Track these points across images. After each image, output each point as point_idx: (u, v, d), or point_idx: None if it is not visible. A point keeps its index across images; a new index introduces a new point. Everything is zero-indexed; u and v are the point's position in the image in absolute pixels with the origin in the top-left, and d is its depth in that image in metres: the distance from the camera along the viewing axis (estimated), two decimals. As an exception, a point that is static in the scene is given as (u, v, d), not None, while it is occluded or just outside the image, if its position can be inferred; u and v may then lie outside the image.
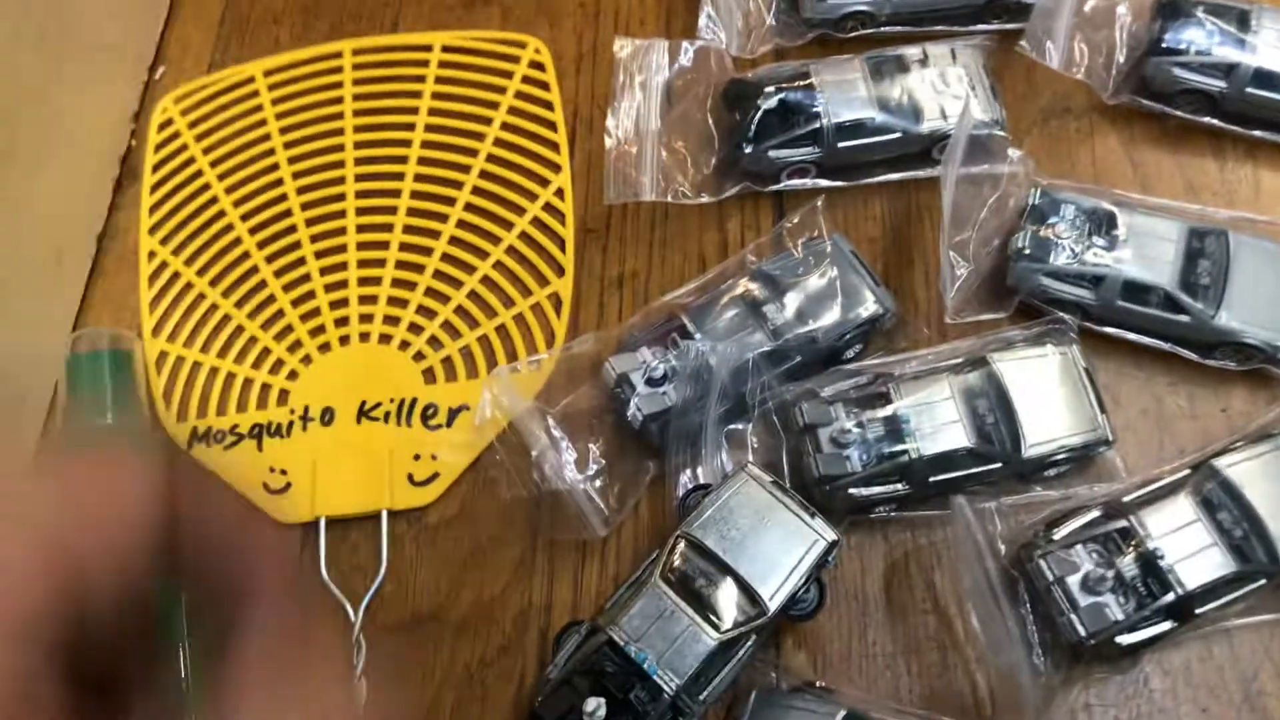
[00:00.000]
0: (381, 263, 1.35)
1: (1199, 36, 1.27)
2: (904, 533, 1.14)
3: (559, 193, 1.37)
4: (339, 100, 1.47)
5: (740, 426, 1.17)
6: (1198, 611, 1.02)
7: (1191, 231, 1.17)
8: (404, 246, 1.36)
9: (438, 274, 1.34)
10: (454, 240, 1.36)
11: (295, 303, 1.34)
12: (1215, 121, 1.30)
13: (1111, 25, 1.33)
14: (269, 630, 0.48)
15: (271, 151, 1.44)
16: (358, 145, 1.43)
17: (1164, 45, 1.28)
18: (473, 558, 1.20)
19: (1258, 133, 1.29)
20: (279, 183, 1.41)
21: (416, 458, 1.24)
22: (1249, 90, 1.26)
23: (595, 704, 0.95)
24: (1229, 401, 1.17)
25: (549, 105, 1.43)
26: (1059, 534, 1.06)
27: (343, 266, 1.36)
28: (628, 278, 1.32)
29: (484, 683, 1.14)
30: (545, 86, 1.45)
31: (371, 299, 1.33)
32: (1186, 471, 1.08)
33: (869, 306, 1.20)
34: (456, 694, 1.13)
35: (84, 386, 1.20)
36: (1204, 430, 1.16)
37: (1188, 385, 1.18)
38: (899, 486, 1.10)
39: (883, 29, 1.40)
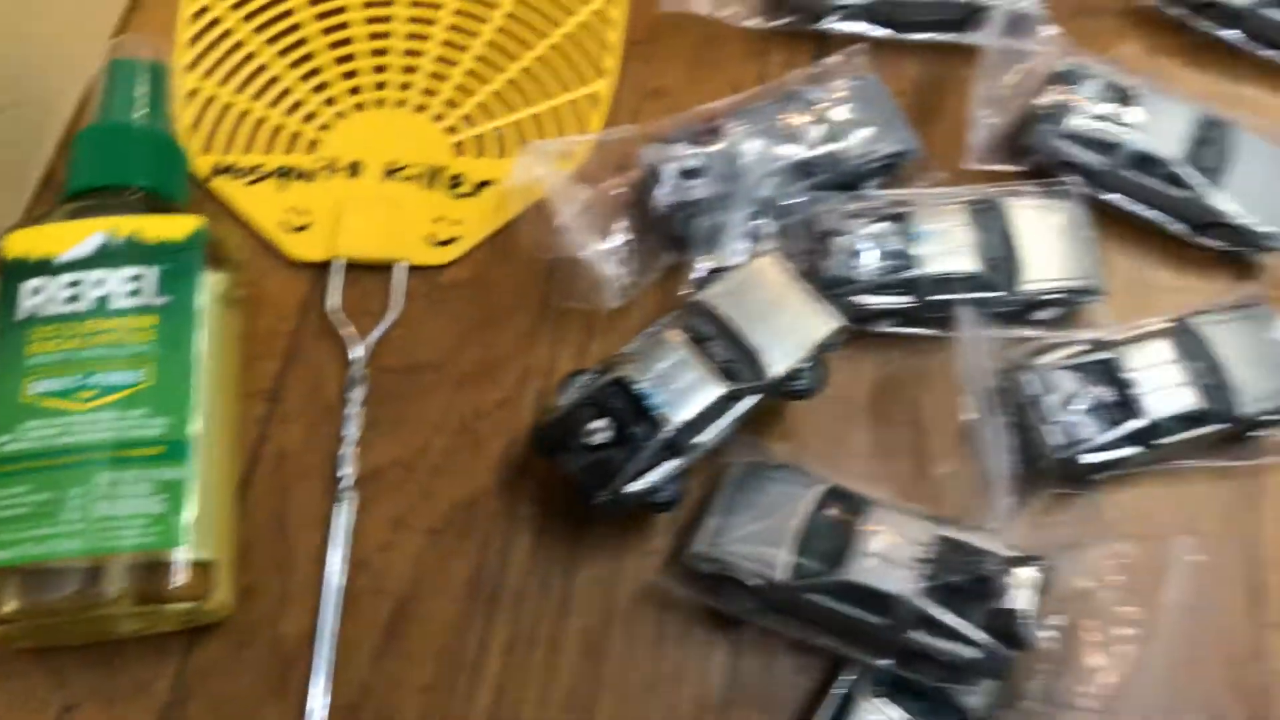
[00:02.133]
0: (426, 37, 1.37)
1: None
2: (899, 349, 1.20)
3: (613, -1, 1.41)
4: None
5: (764, 227, 1.22)
6: (1162, 440, 1.10)
7: (1204, 119, 1.25)
8: (452, 26, 1.38)
9: (481, 58, 1.36)
10: (502, 29, 1.38)
11: (338, 61, 1.35)
12: (1238, 35, 1.38)
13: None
14: None
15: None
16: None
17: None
18: (481, 320, 1.23)
19: (1268, 53, 1.38)
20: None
21: (438, 220, 1.26)
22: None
23: (600, 424, 0.99)
24: (1213, 283, 1.25)
25: (608, -79, 1.46)
26: (1046, 359, 1.13)
27: (388, 31, 1.37)
28: (665, 91, 1.36)
29: (477, 432, 1.17)
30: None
31: (412, 69, 1.35)
32: (1169, 324, 1.16)
33: (897, 140, 1.25)
34: (448, 440, 1.17)
35: (120, 89, 1.20)
36: (1187, 303, 1.23)
37: (1178, 263, 1.26)
38: (904, 299, 1.17)
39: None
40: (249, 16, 1.38)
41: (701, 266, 1.19)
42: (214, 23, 1.38)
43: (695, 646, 1.06)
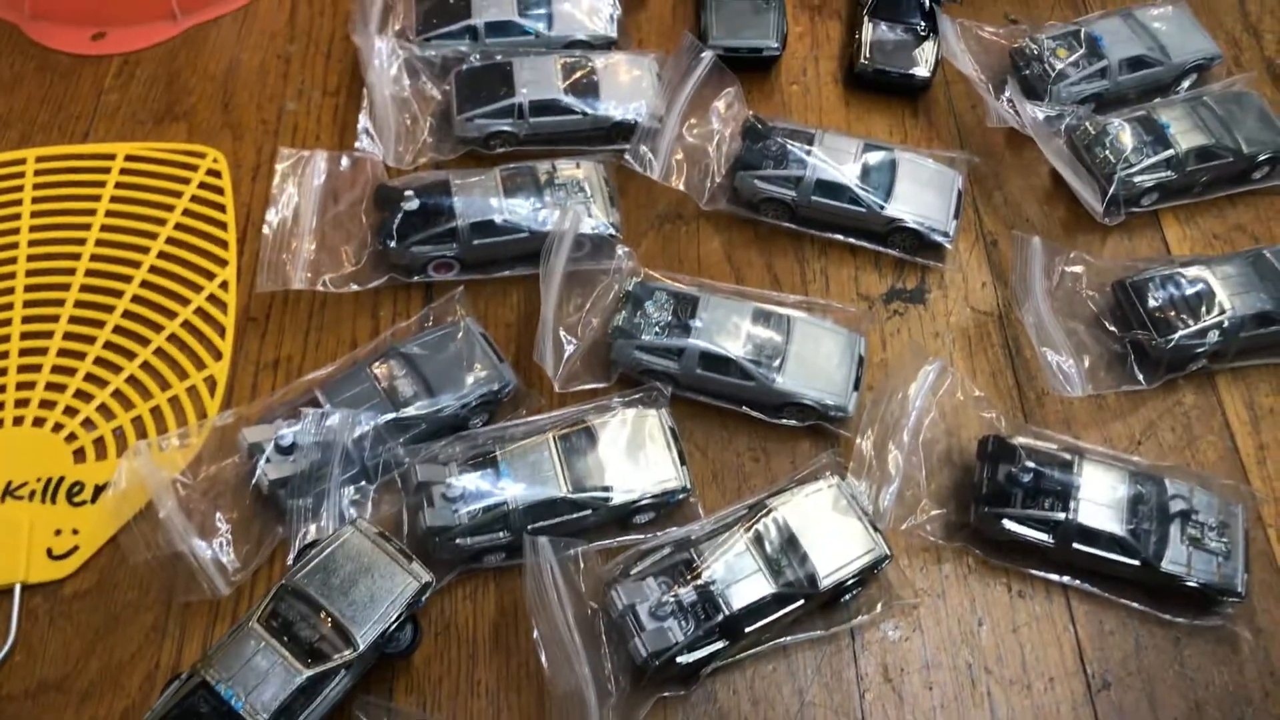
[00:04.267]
0: (44, 350, 1.41)
1: (774, 155, 1.53)
2: (513, 580, 1.27)
3: (224, 285, 1.48)
4: (18, 202, 1.55)
5: (367, 489, 1.28)
6: (746, 630, 1.18)
7: (758, 312, 1.39)
8: (68, 335, 1.43)
9: (99, 360, 1.41)
10: (118, 329, 1.44)
11: (-51, 385, 1.38)
12: (792, 227, 1.55)
13: (708, 146, 1.58)
14: None
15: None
16: (32, 244, 1.51)
17: (746, 162, 1.53)
18: (105, 626, 1.24)
19: (829, 235, 1.55)
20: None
21: (58, 533, 1.28)
22: (814, 198, 1.51)
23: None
24: (795, 452, 1.37)
25: (221, 208, 1.56)
26: (635, 569, 1.21)
27: (5, 351, 1.41)
28: (283, 361, 1.43)
29: (100, 749, 1.17)
30: (220, 191, 1.57)
31: (29, 385, 1.39)
32: (745, 510, 1.26)
33: (491, 381, 1.35)
34: (71, 759, 1.16)
35: None
36: (774, 479, 1.34)
37: (763, 441, 1.38)
38: (502, 535, 1.23)
39: (524, 147, 1.61)
40: None
41: (302, 541, 1.23)
42: None
43: None
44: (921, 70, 1.69)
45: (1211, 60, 1.69)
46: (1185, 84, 1.70)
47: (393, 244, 1.45)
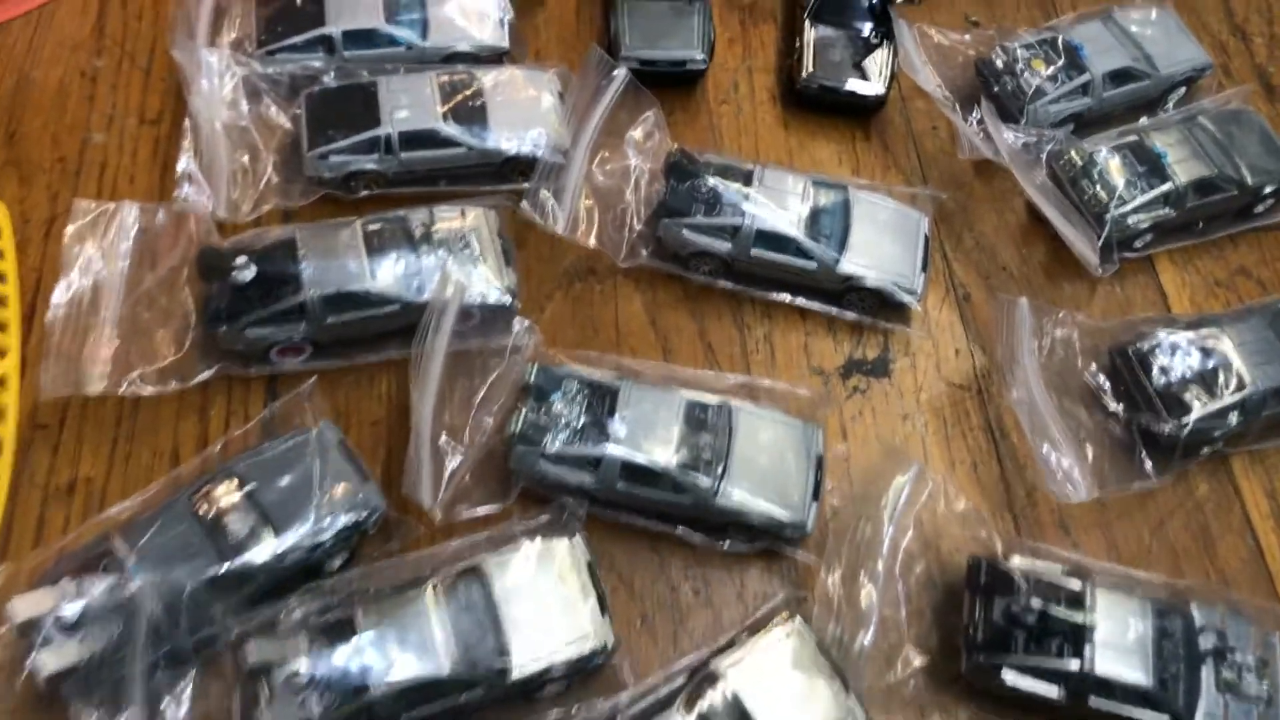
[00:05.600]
0: None
1: (705, 198, 1.25)
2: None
3: (1, 382, 1.15)
4: None
5: (186, 673, 0.97)
6: None
7: (692, 406, 1.11)
8: None
9: None
10: None
11: None
12: (729, 284, 1.27)
13: (624, 186, 1.29)
14: None
15: None
16: None
17: (672, 207, 1.25)
18: None
19: (773, 295, 1.28)
20: None
21: None
22: (754, 251, 1.24)
23: None
24: (743, 582, 1.10)
25: (0, 277, 1.21)
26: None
27: None
28: (81, 485, 1.10)
29: None
30: (-1, 254, 1.23)
31: None
32: (683, 679, 0.99)
33: (353, 508, 1.04)
34: None
35: None
36: (719, 618, 1.08)
37: (703, 568, 1.11)
38: (365, 726, 0.94)
39: (396, 189, 1.30)
40: None
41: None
42: None
43: None
44: (874, 86, 1.42)
45: (1202, 71, 1.46)
46: (1174, 97, 1.47)
47: (222, 328, 1.13)
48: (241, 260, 1.14)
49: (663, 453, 1.08)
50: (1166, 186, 1.31)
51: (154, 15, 1.45)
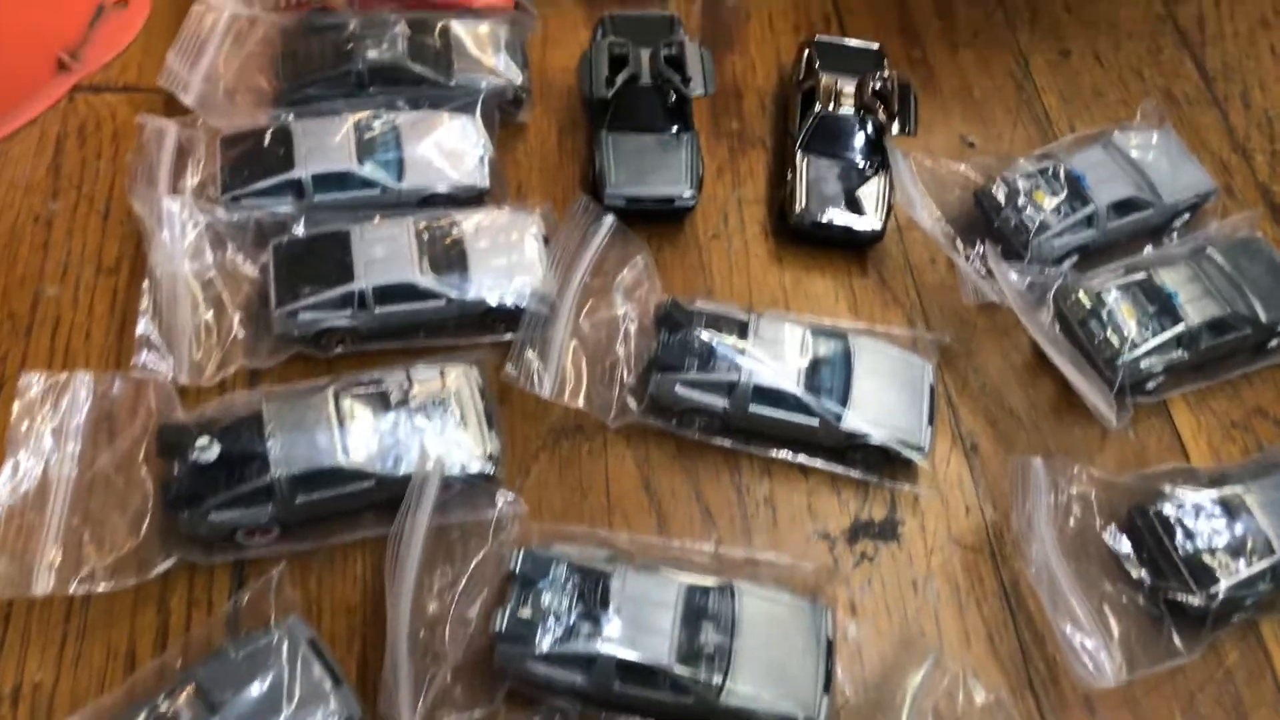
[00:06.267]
0: None
1: (699, 352, 1.18)
2: None
3: (-59, 576, 1.05)
4: None
5: None
6: None
7: (691, 592, 1.03)
8: None
9: None
10: None
11: None
12: (727, 443, 1.20)
13: (613, 338, 1.22)
14: None
15: None
16: None
17: (664, 362, 1.18)
18: None
19: (773, 452, 1.21)
20: None
21: None
22: (753, 408, 1.17)
23: None
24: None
25: (-58, 455, 1.12)
26: None
27: None
28: (27, 693, 1.01)
29: None
30: (-59, 428, 1.14)
31: None
32: None
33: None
34: None
35: None
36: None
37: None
38: None
39: (371, 345, 1.22)
40: None
41: None
42: None
43: None
44: (870, 222, 1.36)
45: (1207, 197, 1.42)
46: (1179, 223, 1.42)
47: (184, 513, 1.05)
48: (203, 441, 1.06)
49: (660, 646, 1.00)
50: (1179, 328, 1.26)
51: (113, 151, 1.38)
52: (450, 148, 1.33)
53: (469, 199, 1.33)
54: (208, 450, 1.06)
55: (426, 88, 1.39)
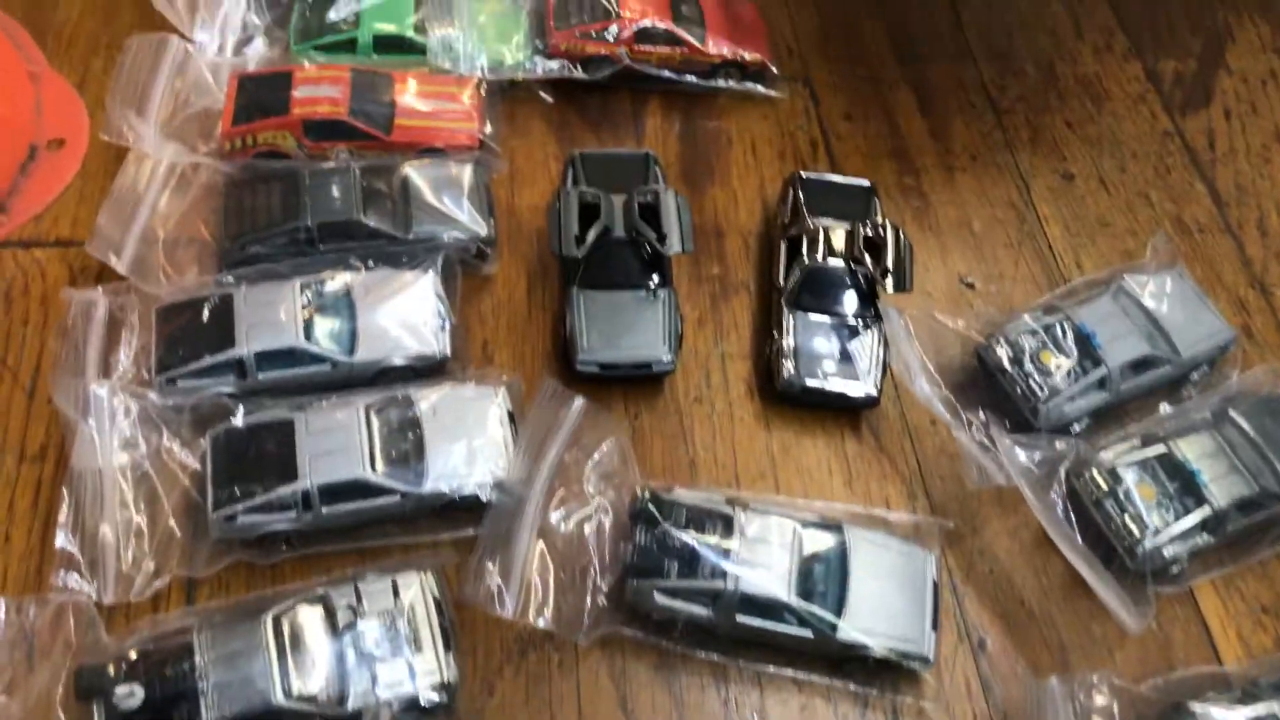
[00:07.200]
0: None
1: (679, 553, 1.07)
2: None
3: None
4: None
5: None
6: None
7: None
8: None
9: None
10: None
11: None
12: (714, 656, 1.09)
13: (584, 537, 1.11)
14: None
15: None
16: None
17: (640, 566, 1.07)
18: None
19: (764, 667, 1.09)
20: None
21: None
22: (740, 619, 1.06)
23: None
24: None
25: None
26: None
27: None
28: None
29: None
30: None
31: None
32: None
33: None
34: None
35: None
36: None
37: None
38: None
39: (318, 548, 1.11)
40: None
41: None
42: None
43: None
44: (864, 386, 1.26)
45: (1226, 347, 1.32)
46: (1197, 374, 1.32)
47: (103, 778, 0.94)
48: (123, 691, 0.94)
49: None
50: (1205, 511, 1.15)
51: (42, 318, 1.27)
52: (407, 313, 1.23)
53: (429, 368, 1.22)
54: (130, 698, 0.95)
55: (383, 243, 1.29)
